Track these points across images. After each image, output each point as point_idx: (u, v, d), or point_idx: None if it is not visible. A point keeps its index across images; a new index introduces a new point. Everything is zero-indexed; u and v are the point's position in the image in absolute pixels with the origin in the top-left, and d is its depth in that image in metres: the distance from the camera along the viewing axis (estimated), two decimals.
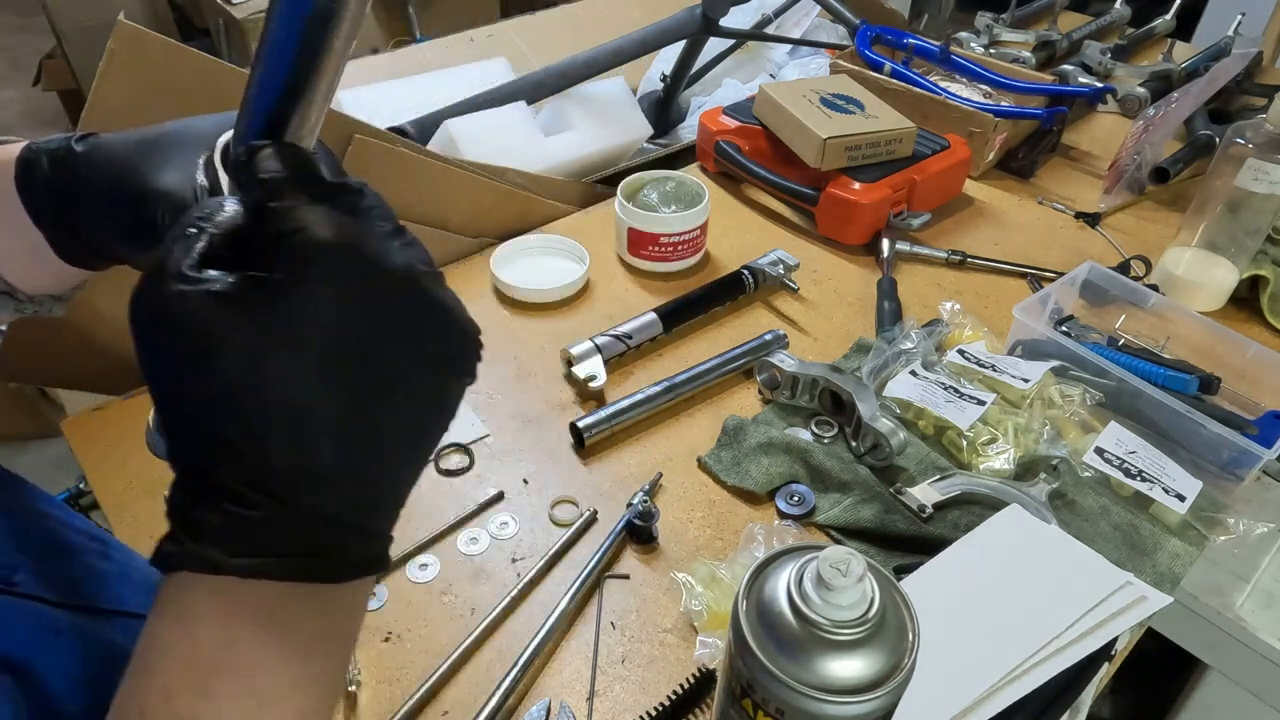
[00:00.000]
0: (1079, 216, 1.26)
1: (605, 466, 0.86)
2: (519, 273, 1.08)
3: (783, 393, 0.91)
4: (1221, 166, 1.02)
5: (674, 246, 1.08)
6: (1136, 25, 1.80)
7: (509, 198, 1.14)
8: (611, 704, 0.66)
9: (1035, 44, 1.62)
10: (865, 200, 1.13)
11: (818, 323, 1.05)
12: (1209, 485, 0.82)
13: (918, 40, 1.46)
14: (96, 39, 2.61)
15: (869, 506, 0.79)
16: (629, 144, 1.36)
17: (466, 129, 1.21)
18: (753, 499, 0.82)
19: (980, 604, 0.67)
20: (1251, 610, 0.81)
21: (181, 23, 3.11)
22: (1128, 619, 0.66)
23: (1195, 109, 1.41)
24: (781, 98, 1.20)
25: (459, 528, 0.79)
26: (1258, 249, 1.06)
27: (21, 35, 3.90)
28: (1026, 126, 1.35)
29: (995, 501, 0.79)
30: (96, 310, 0.87)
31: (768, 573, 0.48)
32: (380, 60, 1.50)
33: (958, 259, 1.15)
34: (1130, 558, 0.77)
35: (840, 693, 0.43)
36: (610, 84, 1.37)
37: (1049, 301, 0.99)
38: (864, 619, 0.44)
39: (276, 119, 0.33)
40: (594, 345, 0.94)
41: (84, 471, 0.85)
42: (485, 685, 0.66)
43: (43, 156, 0.41)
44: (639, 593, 0.74)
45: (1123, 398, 0.87)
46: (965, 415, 0.85)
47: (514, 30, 1.59)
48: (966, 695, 0.60)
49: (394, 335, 0.30)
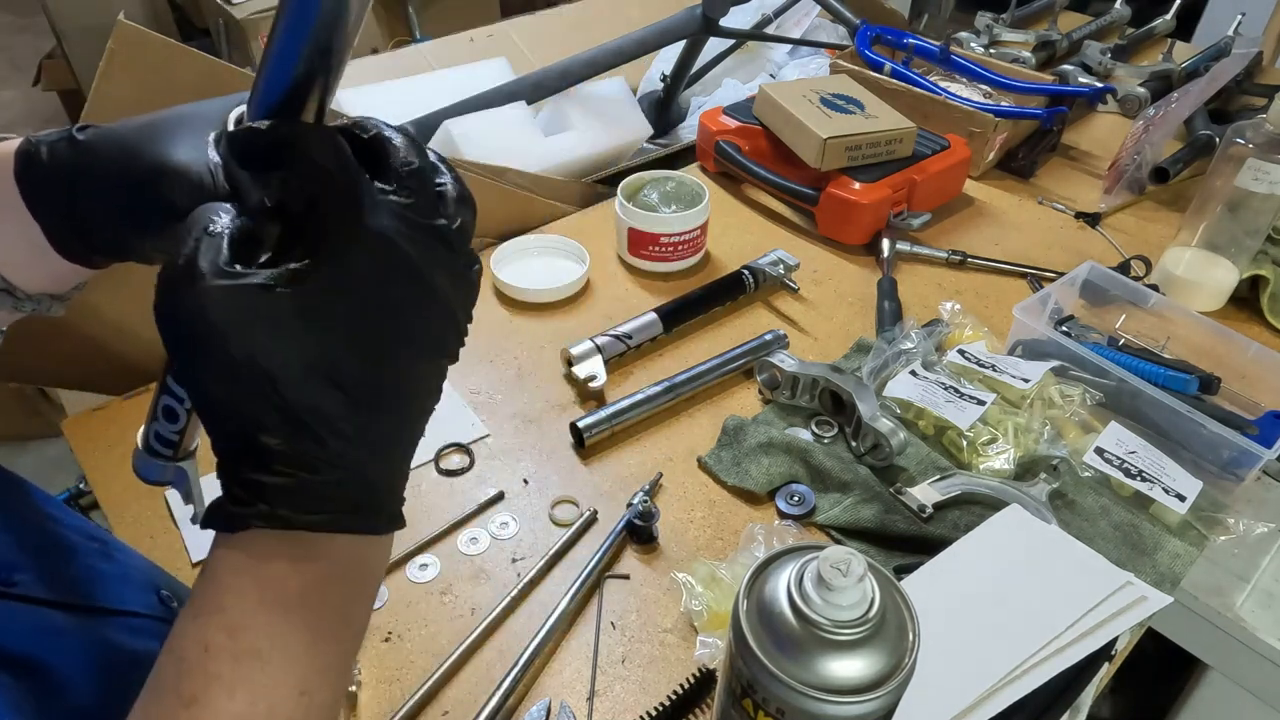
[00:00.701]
0: (1079, 216, 1.26)
1: (605, 466, 0.86)
2: (519, 273, 1.08)
3: (783, 393, 0.91)
4: (1221, 166, 1.02)
5: (674, 246, 1.08)
6: (1136, 25, 1.80)
7: (509, 198, 1.14)
8: (611, 704, 0.66)
9: (1035, 44, 1.62)
10: (865, 200, 1.13)
11: (818, 323, 1.05)
12: (1209, 485, 0.82)
13: (918, 40, 1.46)
14: (96, 39, 2.62)
15: (869, 506, 0.79)
16: (629, 144, 1.36)
17: (466, 129, 1.21)
18: (753, 499, 0.82)
19: (980, 604, 0.67)
20: (1251, 610, 0.81)
21: (181, 23, 3.12)
22: (1128, 619, 0.66)
23: (1195, 109, 1.41)
24: (781, 98, 1.20)
25: (459, 528, 0.79)
26: (1258, 249, 1.06)
27: (21, 35, 3.90)
28: (1026, 126, 1.35)
29: (995, 501, 0.79)
30: (97, 311, 0.87)
31: (768, 573, 0.48)
32: (380, 60, 1.51)
33: (958, 259, 1.15)
34: (1130, 558, 0.77)
35: (840, 693, 0.43)
36: (610, 84, 1.37)
37: (1049, 301, 0.99)
38: (864, 619, 0.44)
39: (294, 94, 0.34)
40: (594, 345, 0.94)
41: (84, 471, 0.85)
42: (485, 685, 0.66)
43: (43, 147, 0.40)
44: (639, 593, 0.74)
45: (1123, 398, 0.87)
46: (965, 415, 0.85)
47: (514, 30, 1.59)
48: (966, 695, 0.60)
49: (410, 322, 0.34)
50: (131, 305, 0.86)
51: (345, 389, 0.32)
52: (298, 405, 0.32)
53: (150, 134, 0.39)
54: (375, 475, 0.35)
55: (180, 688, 0.33)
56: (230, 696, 0.32)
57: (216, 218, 0.33)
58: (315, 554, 0.34)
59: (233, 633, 0.33)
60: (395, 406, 0.34)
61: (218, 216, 0.33)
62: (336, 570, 0.35)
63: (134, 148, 0.39)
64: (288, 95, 0.34)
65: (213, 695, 0.32)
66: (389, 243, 0.32)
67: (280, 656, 0.33)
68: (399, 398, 0.34)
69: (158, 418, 0.45)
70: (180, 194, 0.37)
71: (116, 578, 0.54)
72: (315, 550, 0.34)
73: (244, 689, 0.32)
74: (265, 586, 0.33)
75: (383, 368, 0.33)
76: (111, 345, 0.90)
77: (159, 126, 0.39)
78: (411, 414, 0.36)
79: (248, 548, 0.33)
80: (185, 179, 0.37)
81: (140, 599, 0.54)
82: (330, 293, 0.32)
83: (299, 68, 0.34)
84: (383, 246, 0.32)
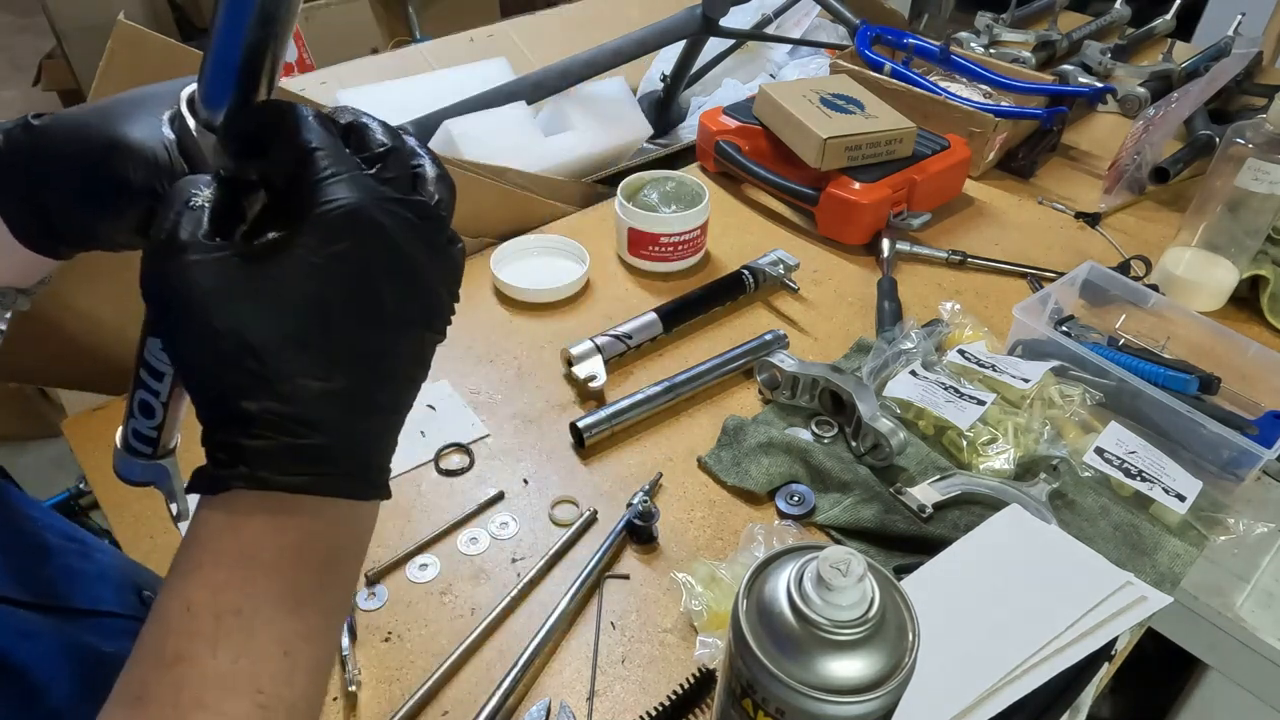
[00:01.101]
0: (1079, 216, 1.26)
1: (605, 466, 0.86)
2: (519, 273, 1.08)
3: (783, 393, 0.91)
4: (1221, 166, 1.02)
5: (674, 246, 1.08)
6: (1136, 25, 1.80)
7: (509, 198, 1.14)
8: (611, 704, 0.66)
9: (1035, 44, 1.62)
10: (865, 200, 1.13)
11: (818, 323, 1.05)
12: (1209, 485, 0.82)
13: (918, 40, 1.46)
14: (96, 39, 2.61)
15: (869, 506, 0.79)
16: (629, 144, 1.36)
17: (466, 129, 1.21)
18: (753, 499, 0.82)
19: (980, 604, 0.67)
20: (1251, 610, 0.81)
21: (181, 23, 3.11)
22: (1128, 619, 0.66)
23: (1195, 109, 1.41)
24: (781, 98, 1.20)
25: (459, 528, 0.79)
26: (1258, 249, 1.06)
27: (21, 35, 3.90)
28: (1026, 126, 1.35)
29: (995, 501, 0.79)
30: (97, 312, 0.87)
31: (768, 573, 0.48)
32: (380, 60, 1.51)
33: (958, 259, 1.15)
34: (1130, 558, 0.77)
35: (840, 693, 0.43)
36: (610, 84, 1.37)
37: (1049, 301, 0.99)
38: (864, 619, 0.44)
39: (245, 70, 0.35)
40: (594, 345, 0.94)
41: (84, 471, 0.86)
42: (485, 685, 0.66)
43: None
44: (639, 593, 0.74)
45: (1123, 398, 0.87)
46: (965, 415, 0.85)
47: (514, 30, 1.59)
48: (966, 695, 0.60)
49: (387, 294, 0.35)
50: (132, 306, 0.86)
51: (323, 356, 0.33)
52: (276, 372, 0.32)
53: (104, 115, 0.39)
54: (356, 441, 0.35)
55: (164, 647, 0.33)
56: (213, 654, 0.33)
57: (197, 191, 0.34)
58: (294, 516, 0.34)
59: (215, 590, 0.33)
60: (376, 375, 0.35)
61: (198, 190, 0.34)
62: (317, 533, 0.35)
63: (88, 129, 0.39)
64: (239, 71, 0.36)
65: (197, 652, 0.33)
66: (365, 215, 0.33)
67: (261, 615, 0.33)
68: (380, 366, 0.35)
69: (134, 414, 0.46)
70: (135, 171, 0.38)
71: (94, 578, 0.54)
72: (295, 512, 0.34)
73: (225, 646, 0.33)
74: (245, 545, 0.34)
75: (360, 336, 0.34)
76: (111, 346, 0.90)
77: (113, 108, 0.40)
78: (395, 383, 0.36)
79: (228, 507, 0.34)
80: (140, 155, 0.38)
81: (119, 599, 0.54)
82: (307, 263, 0.32)
83: (246, 42, 0.35)
84: (359, 219, 0.33)
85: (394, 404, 0.37)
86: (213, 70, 0.36)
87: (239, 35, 0.35)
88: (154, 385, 0.44)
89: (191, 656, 0.33)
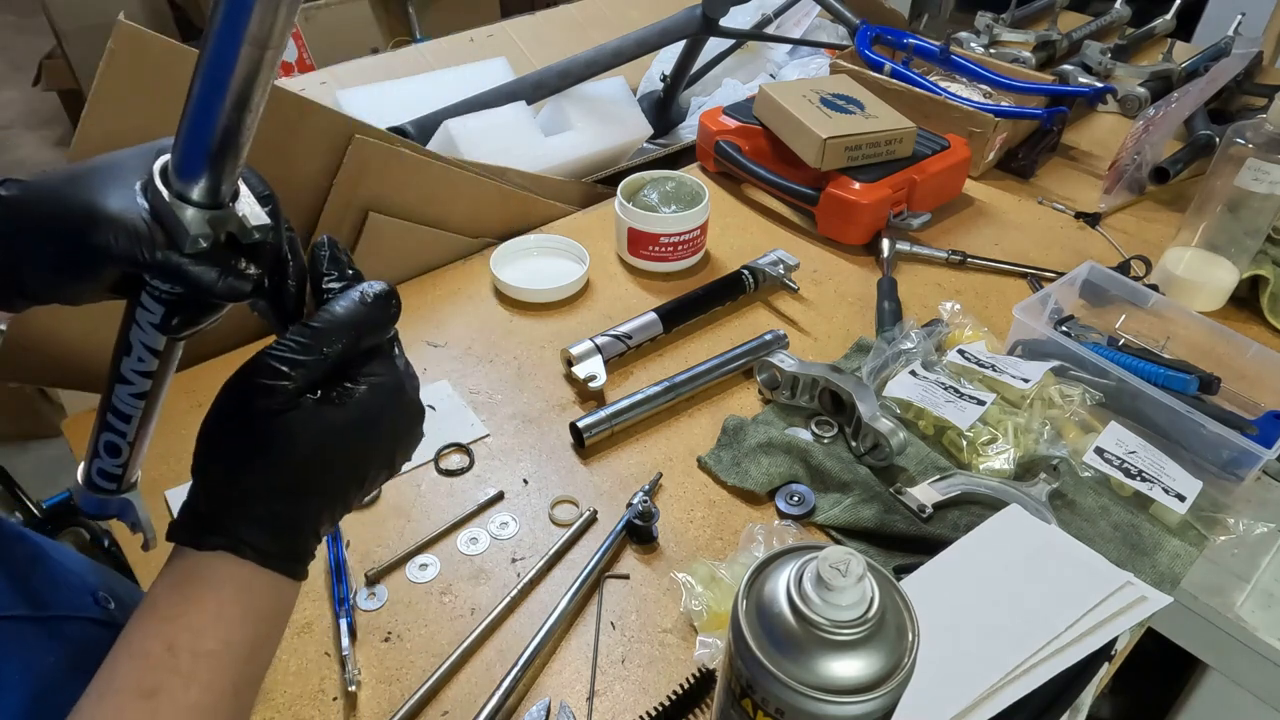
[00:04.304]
0: (1079, 216, 1.26)
1: (605, 466, 0.86)
2: (519, 273, 1.08)
3: (783, 393, 0.91)
4: (1221, 166, 1.02)
5: (674, 246, 1.08)
6: (1136, 25, 1.80)
7: (509, 198, 1.14)
8: (611, 704, 0.66)
9: (1035, 44, 1.62)
10: (865, 200, 1.13)
11: (818, 323, 1.05)
12: (1209, 485, 0.82)
13: (918, 40, 1.46)
14: (96, 39, 2.61)
15: (869, 506, 0.79)
16: (629, 144, 1.36)
17: (466, 129, 1.21)
18: (753, 499, 0.82)
19: (980, 604, 0.67)
20: (1251, 610, 0.81)
21: (181, 23, 3.11)
22: (1128, 619, 0.66)
23: (1195, 109, 1.41)
24: (781, 98, 1.20)
25: (459, 528, 0.79)
26: (1258, 249, 1.06)
27: (21, 35, 3.90)
28: (1026, 126, 1.35)
29: (995, 501, 0.79)
30: (97, 312, 0.87)
31: (768, 573, 0.48)
32: (380, 60, 1.51)
33: (958, 259, 1.15)
34: (1130, 558, 0.77)
35: (840, 693, 0.43)
36: (610, 84, 1.37)
37: (1049, 301, 0.99)
38: (864, 619, 0.44)
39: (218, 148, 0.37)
40: (594, 345, 0.94)
41: None
42: (485, 685, 0.66)
43: None
44: (639, 593, 0.74)
45: (1123, 398, 0.87)
46: (965, 415, 0.85)
47: (514, 30, 1.59)
48: (966, 695, 0.60)
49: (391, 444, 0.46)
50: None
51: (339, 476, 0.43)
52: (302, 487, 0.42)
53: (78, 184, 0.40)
54: (317, 540, 0.44)
55: (142, 681, 0.38)
56: (186, 689, 0.39)
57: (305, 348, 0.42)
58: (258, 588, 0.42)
59: (196, 634, 0.40)
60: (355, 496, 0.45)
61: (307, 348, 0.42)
62: (268, 604, 0.43)
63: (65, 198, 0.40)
64: (213, 150, 0.37)
65: (173, 687, 0.38)
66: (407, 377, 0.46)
67: (228, 661, 0.40)
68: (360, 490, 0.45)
69: (99, 454, 0.47)
70: (116, 240, 0.39)
71: (49, 582, 0.54)
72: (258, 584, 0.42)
73: (198, 684, 0.39)
74: (222, 602, 0.41)
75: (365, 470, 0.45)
76: (111, 346, 0.90)
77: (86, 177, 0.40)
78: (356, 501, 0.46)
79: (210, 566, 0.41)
80: (119, 225, 0.39)
81: (74, 602, 0.55)
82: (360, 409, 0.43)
83: (220, 125, 0.36)
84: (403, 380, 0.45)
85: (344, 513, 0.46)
86: (186, 146, 0.38)
87: (213, 117, 0.36)
88: (121, 427, 0.47)
89: (169, 690, 0.38)
